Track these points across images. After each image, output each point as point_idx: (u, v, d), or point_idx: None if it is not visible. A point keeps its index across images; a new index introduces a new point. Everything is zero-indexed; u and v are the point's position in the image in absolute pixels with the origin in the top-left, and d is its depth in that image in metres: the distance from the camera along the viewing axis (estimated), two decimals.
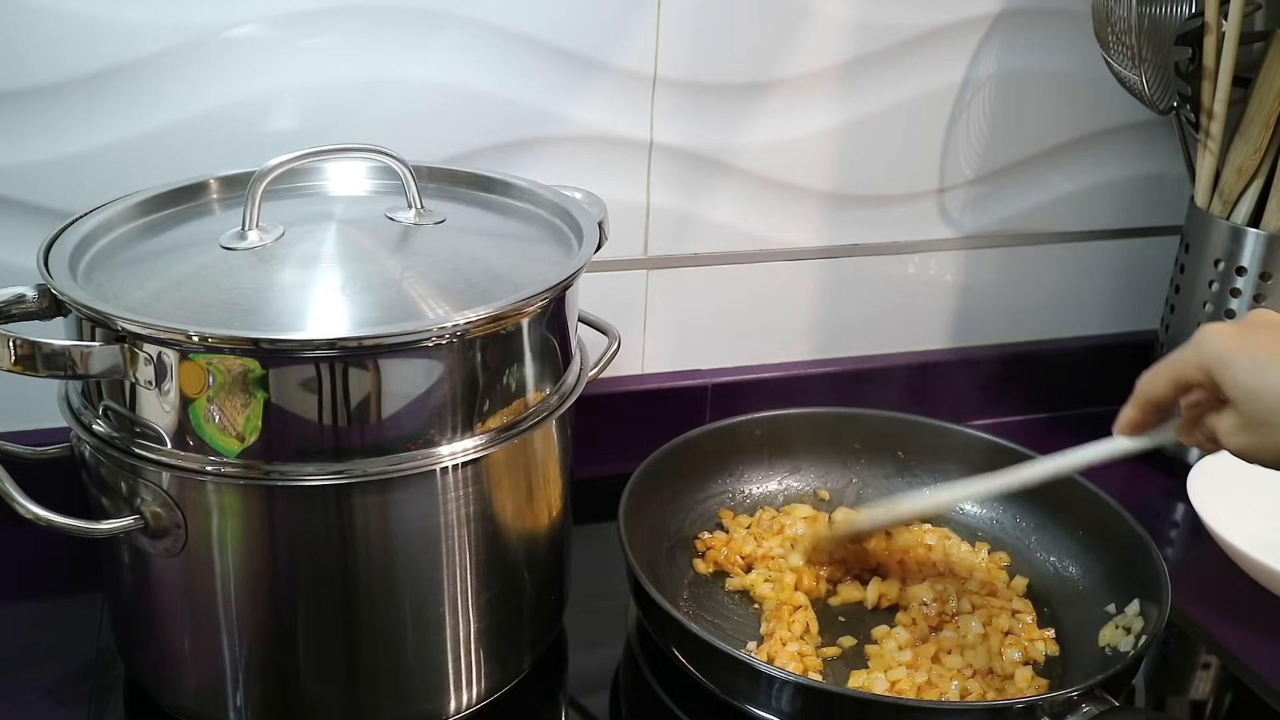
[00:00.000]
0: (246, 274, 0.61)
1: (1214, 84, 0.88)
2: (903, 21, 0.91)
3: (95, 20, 0.74)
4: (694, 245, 0.94)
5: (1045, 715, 0.62)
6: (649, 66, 0.86)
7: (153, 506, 0.59)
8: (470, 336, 0.58)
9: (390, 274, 0.62)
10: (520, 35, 0.82)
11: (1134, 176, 1.04)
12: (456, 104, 0.83)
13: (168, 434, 0.57)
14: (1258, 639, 0.79)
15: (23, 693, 0.70)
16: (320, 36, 0.79)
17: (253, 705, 0.63)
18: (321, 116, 0.81)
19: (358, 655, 0.62)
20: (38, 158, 0.76)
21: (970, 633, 0.74)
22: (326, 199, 0.74)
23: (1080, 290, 1.07)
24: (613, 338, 0.76)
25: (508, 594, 0.67)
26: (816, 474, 0.90)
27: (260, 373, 0.55)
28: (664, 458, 0.83)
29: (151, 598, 0.63)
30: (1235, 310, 0.91)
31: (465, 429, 0.60)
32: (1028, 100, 0.98)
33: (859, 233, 0.98)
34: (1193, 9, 0.88)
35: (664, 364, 0.97)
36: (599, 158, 0.88)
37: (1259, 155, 0.88)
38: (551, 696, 0.73)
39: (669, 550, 0.82)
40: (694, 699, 0.70)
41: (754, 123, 0.91)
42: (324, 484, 0.57)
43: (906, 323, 1.03)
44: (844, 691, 0.66)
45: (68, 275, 0.59)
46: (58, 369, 0.55)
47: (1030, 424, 1.06)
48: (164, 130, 0.78)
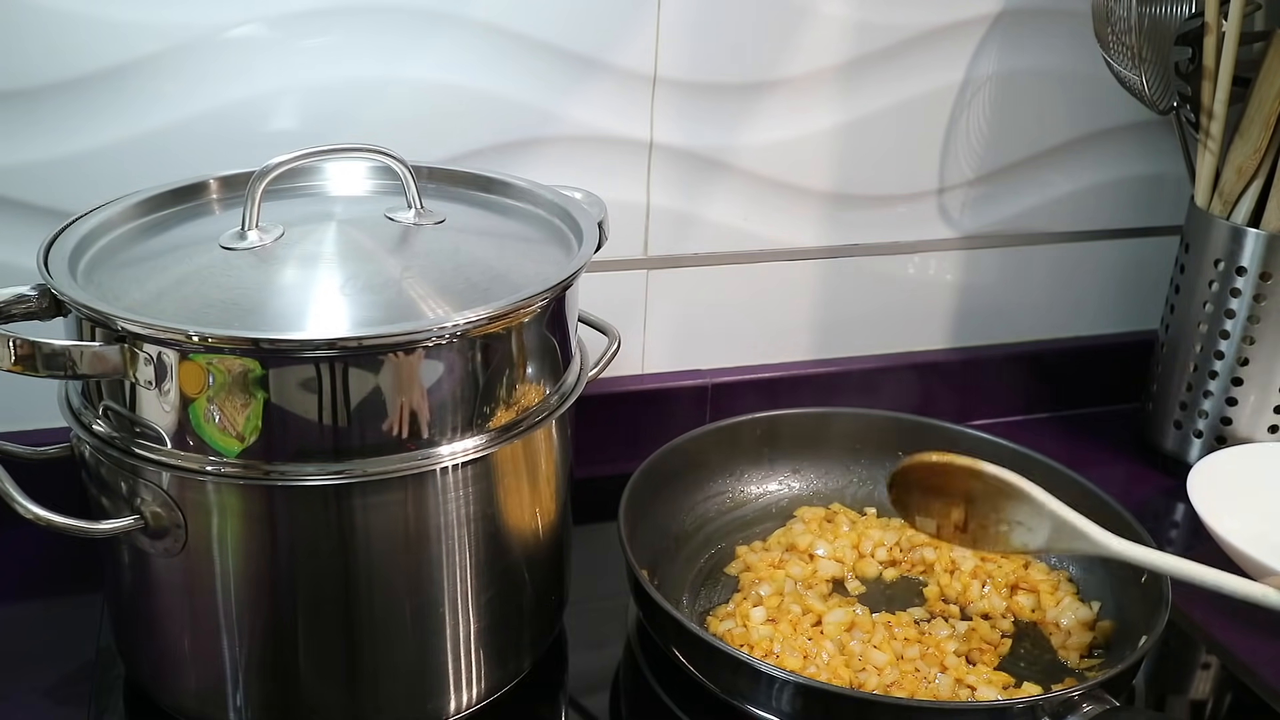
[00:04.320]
0: (246, 274, 0.61)
1: (1214, 84, 0.88)
2: (903, 21, 0.91)
3: (95, 20, 0.74)
4: (694, 245, 0.94)
5: (1045, 715, 0.62)
6: (649, 66, 0.86)
7: (153, 506, 0.59)
8: (470, 336, 0.58)
9: (390, 274, 0.62)
10: (520, 35, 0.82)
11: (1134, 176, 1.04)
12: (456, 104, 0.83)
13: (168, 434, 0.57)
14: (1258, 639, 0.79)
15: (23, 693, 0.70)
16: (320, 36, 0.79)
17: (253, 705, 0.63)
18: (321, 116, 0.81)
19: (357, 655, 0.62)
20: (38, 158, 0.76)
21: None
22: (326, 199, 0.74)
23: (1080, 290, 1.07)
24: (613, 338, 0.76)
25: (508, 594, 0.67)
26: (816, 474, 0.90)
27: (260, 373, 0.55)
28: (664, 458, 0.83)
29: (151, 598, 0.63)
30: (1235, 310, 0.91)
31: (465, 429, 0.60)
32: (1028, 100, 0.98)
33: (859, 233, 0.98)
34: (1193, 9, 0.88)
35: (664, 364, 0.97)
36: (599, 158, 0.88)
37: (1259, 155, 0.88)
38: (551, 696, 0.73)
39: (669, 550, 0.82)
40: (694, 699, 0.70)
41: (754, 123, 0.91)
42: (324, 484, 0.57)
43: (906, 323, 1.03)
44: (844, 691, 0.66)
45: (68, 275, 0.59)
46: (58, 369, 0.55)
47: (1030, 424, 1.06)
48: (164, 130, 0.78)
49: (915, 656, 0.73)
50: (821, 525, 0.85)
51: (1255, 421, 0.93)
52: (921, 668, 0.72)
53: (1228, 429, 0.94)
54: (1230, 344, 0.92)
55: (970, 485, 0.74)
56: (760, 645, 0.73)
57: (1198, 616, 0.80)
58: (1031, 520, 0.73)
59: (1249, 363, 0.92)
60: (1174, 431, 0.97)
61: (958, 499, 0.75)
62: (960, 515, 0.75)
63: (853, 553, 0.83)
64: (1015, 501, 0.73)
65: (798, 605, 0.76)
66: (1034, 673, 0.73)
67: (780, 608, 0.76)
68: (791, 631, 0.74)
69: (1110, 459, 1.01)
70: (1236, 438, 0.94)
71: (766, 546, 0.84)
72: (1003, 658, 0.74)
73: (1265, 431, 0.93)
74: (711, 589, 0.80)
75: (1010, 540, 0.74)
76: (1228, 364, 0.92)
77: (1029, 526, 0.73)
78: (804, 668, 0.71)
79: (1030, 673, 0.73)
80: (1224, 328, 0.92)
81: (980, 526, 0.75)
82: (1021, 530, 0.73)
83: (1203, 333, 0.93)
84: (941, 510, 0.76)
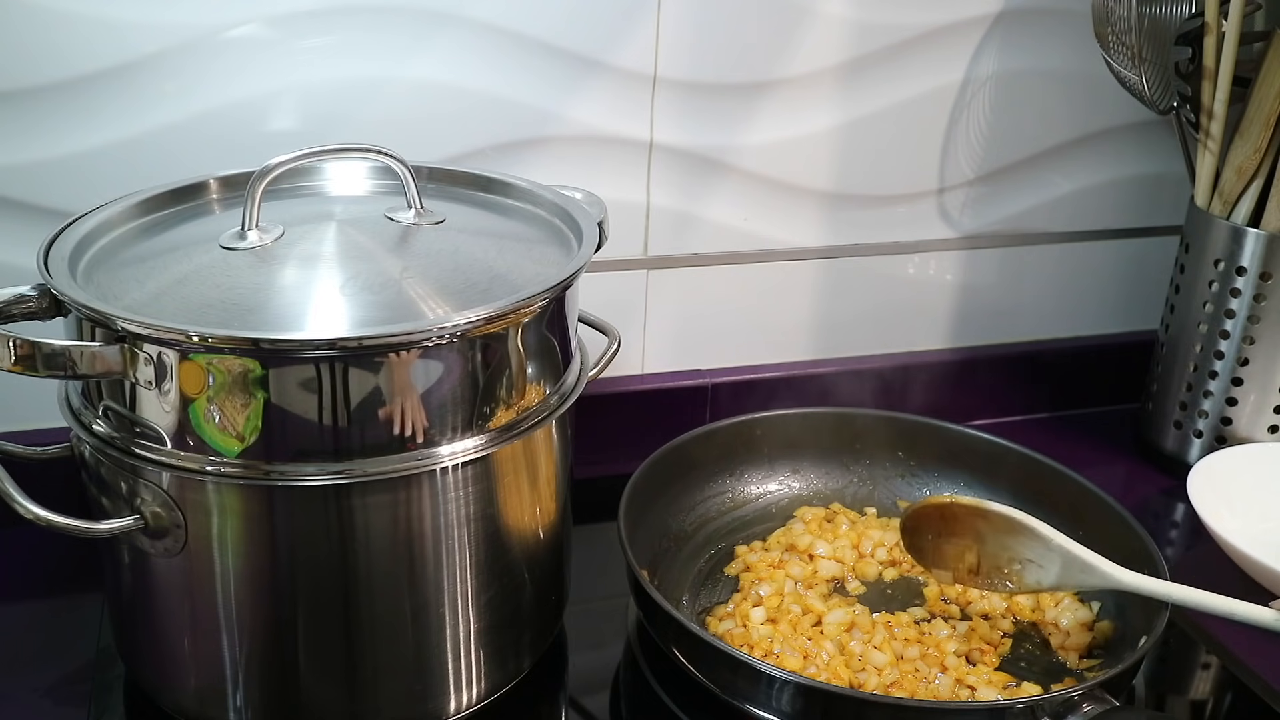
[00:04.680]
0: (246, 274, 0.61)
1: (1214, 84, 0.88)
2: (903, 21, 0.91)
3: (95, 20, 0.74)
4: (694, 245, 0.94)
5: (1045, 715, 0.62)
6: (649, 66, 0.86)
7: (153, 506, 0.59)
8: (470, 336, 0.58)
9: (390, 274, 0.62)
10: (520, 35, 0.82)
11: (1134, 176, 1.04)
12: (456, 104, 0.83)
13: (168, 434, 0.57)
14: (1258, 639, 0.78)
15: (23, 693, 0.70)
16: (320, 36, 0.79)
17: (253, 705, 0.63)
18: (321, 116, 0.81)
19: (357, 655, 0.62)
20: (38, 158, 0.76)
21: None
22: (326, 199, 0.74)
23: (1080, 290, 1.07)
24: (613, 338, 0.76)
25: (508, 594, 0.67)
26: (816, 474, 0.90)
27: (260, 373, 0.55)
28: (664, 457, 0.83)
29: (151, 598, 0.63)
30: (1235, 310, 0.91)
31: (465, 429, 0.60)
32: (1028, 100, 0.98)
33: (859, 233, 0.98)
34: (1193, 9, 0.88)
35: (664, 364, 0.97)
36: (599, 158, 0.88)
37: (1259, 155, 0.88)
38: (551, 696, 0.73)
39: (669, 550, 0.82)
40: (694, 699, 0.70)
41: (754, 123, 0.91)
42: (324, 484, 0.57)
43: (906, 323, 1.03)
44: (844, 691, 0.66)
45: (67, 275, 0.59)
46: (58, 369, 0.55)
47: (1030, 424, 1.06)
48: (164, 130, 0.78)
49: (915, 657, 0.73)
50: (821, 525, 0.85)
51: (1255, 421, 0.93)
52: (921, 668, 0.72)
53: (1228, 429, 0.94)
54: (1230, 344, 0.92)
55: (978, 525, 0.75)
56: (760, 645, 0.73)
57: (1198, 617, 0.80)
58: (1042, 557, 0.73)
59: (1249, 363, 0.92)
60: (1174, 431, 0.97)
61: (968, 540, 0.76)
62: (973, 559, 0.76)
63: (853, 553, 0.83)
64: (1023, 538, 0.73)
65: (798, 605, 0.76)
66: (1034, 673, 0.73)
67: (780, 608, 0.76)
68: (791, 632, 0.74)
69: (1110, 459, 1.01)
70: (1236, 438, 0.94)
71: (766, 546, 0.84)
72: (1003, 658, 0.74)
73: (1265, 431, 0.93)
74: (711, 589, 0.80)
75: (1024, 579, 0.74)
76: (1228, 364, 0.92)
77: (1040, 564, 0.73)
78: (804, 668, 0.71)
79: (1030, 673, 0.73)
80: (1224, 328, 0.92)
81: (993, 567, 0.75)
82: (1033, 568, 0.74)
83: (1203, 333, 0.93)
84: (954, 555, 0.77)
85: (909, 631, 0.75)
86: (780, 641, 0.73)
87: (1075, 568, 0.72)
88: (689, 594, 0.79)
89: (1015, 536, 0.74)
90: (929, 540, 0.77)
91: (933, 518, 0.76)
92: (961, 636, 0.75)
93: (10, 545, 0.81)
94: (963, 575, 0.77)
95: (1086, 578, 0.72)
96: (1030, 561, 0.74)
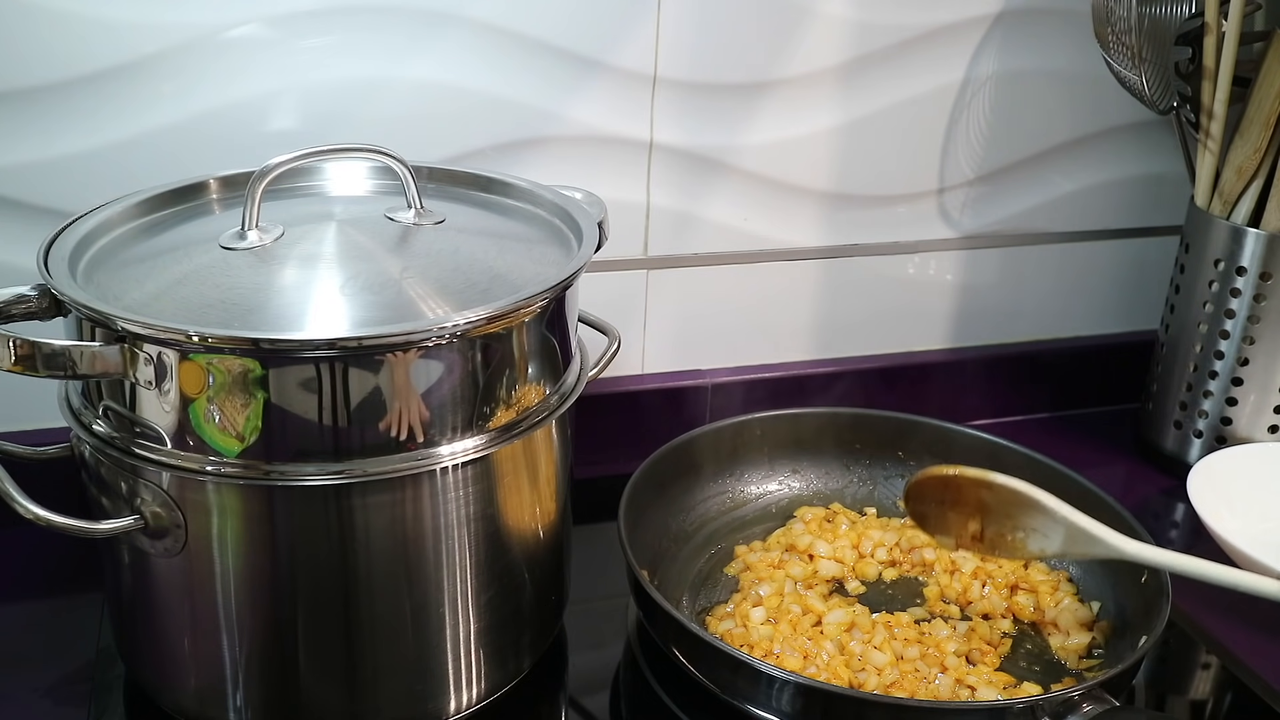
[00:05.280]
0: (246, 274, 0.61)
1: (1214, 84, 0.88)
2: (903, 21, 0.91)
3: (95, 20, 0.74)
4: (694, 245, 0.94)
5: (1045, 715, 0.62)
6: (649, 66, 0.86)
7: (153, 506, 0.59)
8: (470, 336, 0.58)
9: (390, 274, 0.62)
10: (520, 35, 0.82)
11: (1134, 176, 1.04)
12: (456, 104, 0.83)
13: (168, 434, 0.57)
14: (1258, 639, 0.79)
15: (23, 693, 0.70)
16: (320, 36, 0.79)
17: (253, 705, 0.63)
18: (321, 116, 0.81)
19: (357, 655, 0.62)
20: (38, 158, 0.76)
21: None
22: (326, 199, 0.74)
23: (1080, 290, 1.07)
24: (613, 338, 0.76)
25: (508, 594, 0.67)
26: (816, 474, 0.90)
27: (260, 373, 0.55)
28: (664, 458, 0.83)
29: (151, 598, 0.63)
30: (1235, 310, 0.91)
31: (465, 429, 0.60)
32: (1028, 100, 0.98)
33: (859, 233, 0.98)
34: (1193, 9, 0.88)
35: (664, 364, 0.97)
36: (599, 158, 0.88)
37: (1259, 155, 0.88)
38: (551, 696, 0.73)
39: (669, 550, 0.82)
40: (694, 699, 0.70)
41: (754, 123, 0.91)
42: (324, 484, 0.57)
43: (906, 323, 1.03)
44: (844, 691, 0.66)
45: (67, 275, 0.59)
46: (58, 369, 0.55)
47: (1030, 424, 1.06)
48: (163, 130, 0.78)
49: (915, 657, 0.73)
50: (821, 525, 0.85)
51: (1255, 421, 0.93)
52: (921, 668, 0.72)
53: (1228, 429, 0.94)
54: (1230, 344, 0.92)
55: (982, 496, 0.75)
56: (760, 645, 0.73)
57: (1198, 617, 0.80)
58: (1045, 527, 0.73)
59: (1249, 363, 0.92)
60: (1174, 431, 0.97)
61: (972, 510, 0.76)
62: (976, 526, 0.76)
63: (853, 553, 0.83)
64: (1027, 509, 0.74)
65: (798, 605, 0.76)
66: (1034, 673, 0.73)
67: (780, 608, 0.76)
68: (791, 632, 0.74)
69: (1110, 459, 1.01)
70: (1236, 438, 0.94)
71: (766, 546, 0.84)
72: (1003, 658, 0.74)
73: (1265, 431, 0.93)
74: (711, 589, 0.80)
75: (1027, 547, 0.75)
76: (1228, 364, 0.92)
77: (1043, 533, 0.73)
78: (804, 668, 0.71)
79: (1030, 673, 0.73)
80: (1224, 328, 0.92)
81: (997, 535, 0.76)
82: (1037, 536, 0.74)
83: (1203, 333, 0.93)
84: (958, 522, 0.77)
85: (909, 631, 0.75)
86: (780, 641, 0.73)
87: (1079, 538, 0.72)
88: (689, 594, 0.79)
89: (1020, 507, 0.74)
90: (932, 508, 0.77)
91: (937, 487, 0.77)
92: (961, 636, 0.75)
93: (10, 545, 0.81)
94: (966, 541, 0.77)
95: (1090, 548, 0.72)
96: (1034, 530, 0.74)
